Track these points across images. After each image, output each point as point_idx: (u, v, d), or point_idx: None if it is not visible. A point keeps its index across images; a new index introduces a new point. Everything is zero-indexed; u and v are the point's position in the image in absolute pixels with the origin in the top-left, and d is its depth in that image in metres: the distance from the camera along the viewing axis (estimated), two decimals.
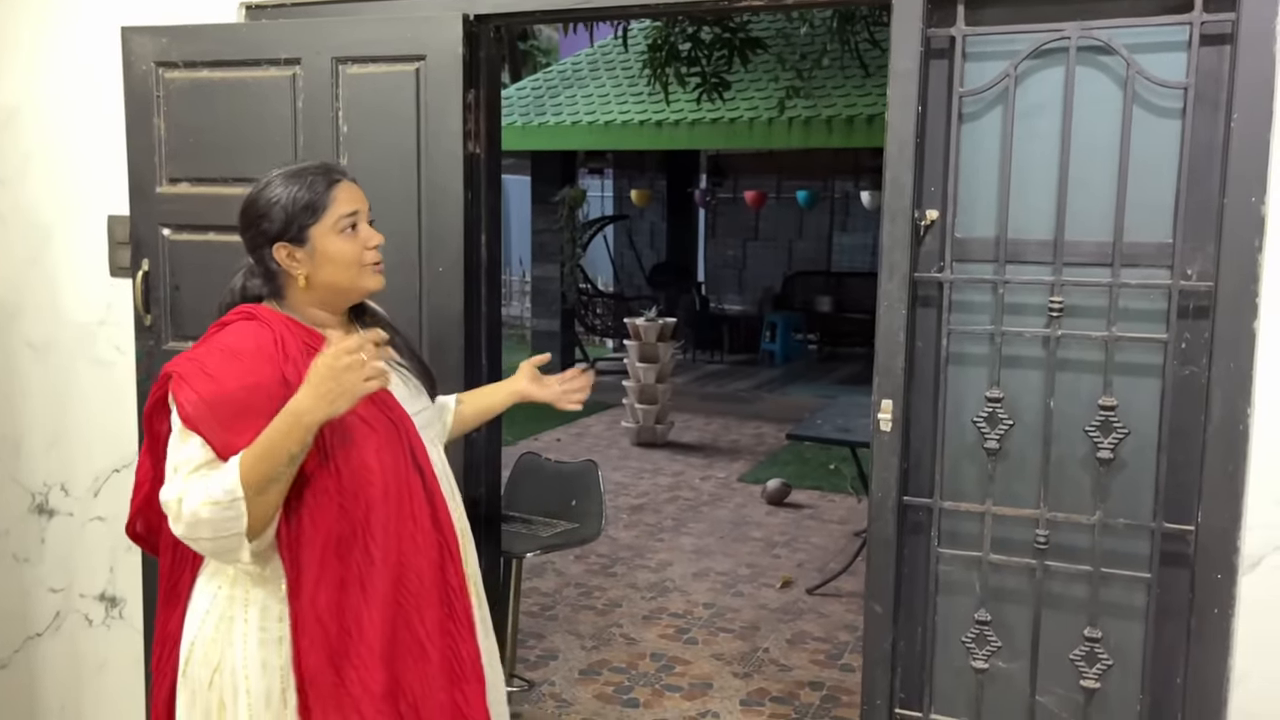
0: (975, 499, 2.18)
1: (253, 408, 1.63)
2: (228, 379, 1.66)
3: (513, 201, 13.16)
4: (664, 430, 7.88)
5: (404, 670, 1.72)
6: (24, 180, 2.88)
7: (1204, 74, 1.97)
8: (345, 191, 1.77)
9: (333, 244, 1.75)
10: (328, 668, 1.68)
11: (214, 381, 1.65)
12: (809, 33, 7.01)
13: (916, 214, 2.13)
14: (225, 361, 1.68)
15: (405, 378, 1.90)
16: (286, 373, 1.67)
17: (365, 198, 1.81)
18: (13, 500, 2.99)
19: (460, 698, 1.76)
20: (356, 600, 1.69)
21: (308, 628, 1.68)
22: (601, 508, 3.52)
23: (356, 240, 1.77)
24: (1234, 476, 1.98)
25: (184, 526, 1.62)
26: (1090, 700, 2.13)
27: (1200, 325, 2.00)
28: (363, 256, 1.78)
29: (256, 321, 1.74)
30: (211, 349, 1.72)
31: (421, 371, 1.96)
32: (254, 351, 1.69)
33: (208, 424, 1.63)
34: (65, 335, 2.89)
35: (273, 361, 1.68)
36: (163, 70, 2.56)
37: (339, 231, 1.75)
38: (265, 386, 1.65)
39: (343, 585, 1.69)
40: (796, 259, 13.69)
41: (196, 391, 1.64)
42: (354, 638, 1.69)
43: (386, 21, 2.42)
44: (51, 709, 3.03)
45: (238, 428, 1.62)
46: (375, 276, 1.80)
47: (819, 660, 4.02)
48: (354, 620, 1.69)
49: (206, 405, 1.63)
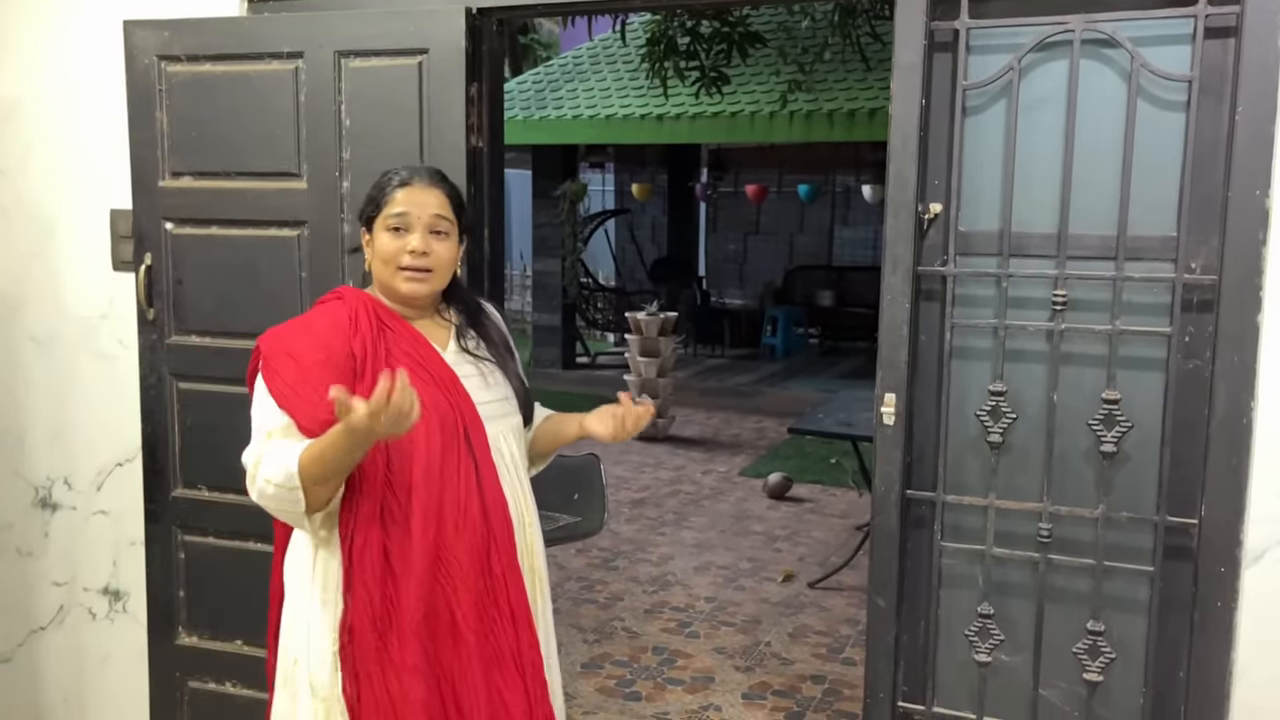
0: (978, 493, 2.18)
1: (326, 381, 1.70)
2: (305, 354, 1.79)
3: (514, 196, 13.14)
4: (665, 424, 7.88)
5: (440, 648, 1.78)
6: (26, 173, 2.87)
7: (1208, 67, 1.97)
8: (408, 194, 1.85)
9: (380, 239, 1.86)
10: (370, 631, 1.76)
11: (295, 362, 1.78)
12: (810, 26, 6.99)
13: (920, 207, 2.13)
14: (302, 336, 1.82)
15: (487, 369, 1.94)
16: (354, 346, 1.80)
17: (440, 206, 1.86)
18: (16, 494, 3.00)
19: (501, 682, 1.82)
20: (398, 573, 1.77)
21: (355, 590, 1.77)
22: (603, 502, 3.52)
23: (399, 241, 1.84)
24: (1237, 470, 1.98)
25: (255, 493, 1.75)
26: (1093, 693, 2.13)
27: (1204, 319, 2.00)
28: (399, 258, 1.84)
29: (338, 300, 1.88)
30: (296, 324, 1.87)
31: (507, 366, 1.99)
32: (328, 326, 1.82)
33: (293, 404, 1.75)
34: (68, 329, 2.89)
35: (343, 334, 1.81)
36: (165, 64, 2.56)
37: (388, 229, 1.85)
38: (335, 356, 1.78)
39: (386, 556, 1.77)
40: (797, 253, 13.68)
41: (282, 376, 1.77)
42: (393, 608, 1.77)
43: (389, 15, 2.42)
44: (55, 702, 3.03)
45: (314, 399, 1.73)
46: (405, 282, 1.85)
47: (821, 654, 4.02)
48: (394, 591, 1.77)
49: (291, 389, 1.76)
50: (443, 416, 1.81)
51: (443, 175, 1.94)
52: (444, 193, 1.89)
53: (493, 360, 1.97)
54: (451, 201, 1.90)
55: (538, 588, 1.97)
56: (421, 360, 1.85)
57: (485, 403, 1.90)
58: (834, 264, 13.21)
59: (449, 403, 1.83)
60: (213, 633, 2.71)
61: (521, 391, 2.00)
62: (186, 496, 2.68)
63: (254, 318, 2.56)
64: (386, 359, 1.80)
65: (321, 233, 2.49)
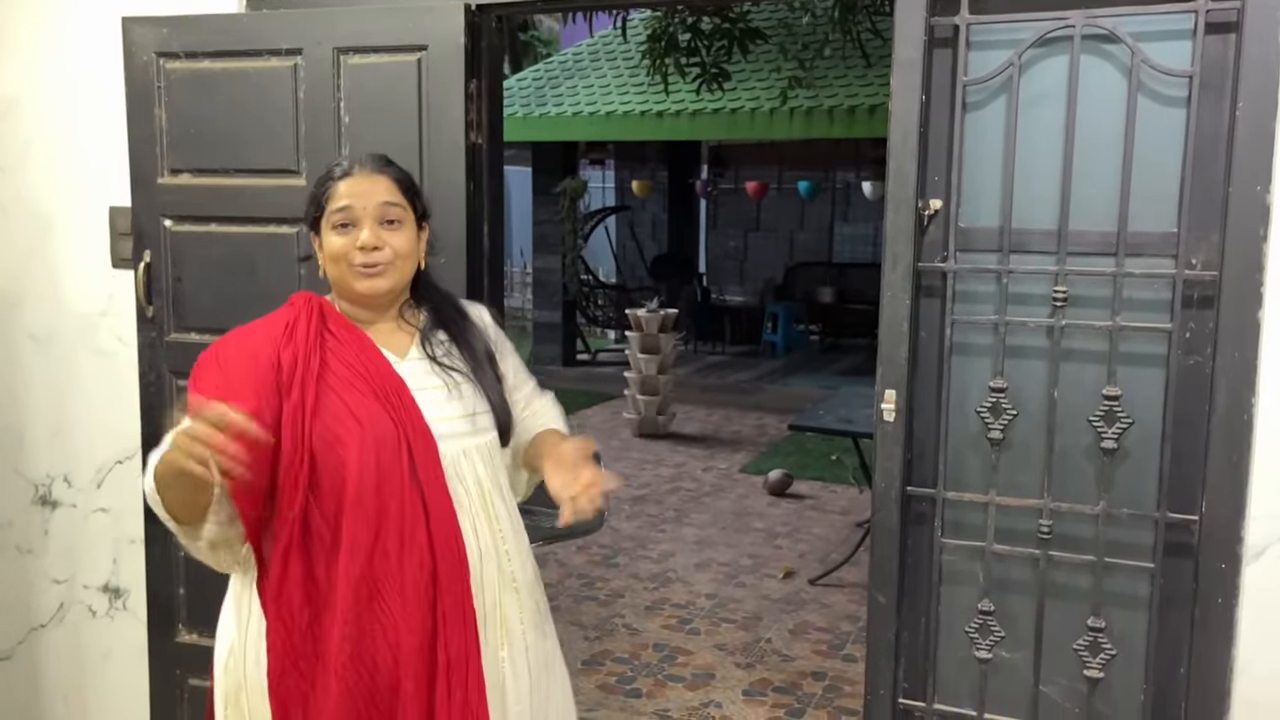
0: (979, 489, 2.18)
1: (245, 393, 1.61)
2: (231, 363, 1.68)
3: (514, 193, 13.13)
4: (665, 421, 7.88)
5: (376, 693, 1.61)
6: (24, 170, 2.87)
7: (1209, 62, 1.96)
8: (350, 186, 1.71)
9: (327, 239, 1.74)
10: (292, 671, 1.63)
11: (220, 371, 1.68)
12: (810, 22, 6.99)
13: (920, 204, 2.13)
14: (235, 344, 1.72)
15: (455, 380, 1.77)
16: (283, 356, 1.67)
17: (387, 193, 1.72)
18: (15, 492, 3.00)
19: None
20: (318, 604, 1.62)
21: (272, 624, 1.64)
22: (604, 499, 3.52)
23: (348, 238, 1.70)
24: (1238, 466, 1.97)
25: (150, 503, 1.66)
26: (1094, 690, 2.13)
27: (1205, 315, 2.00)
28: (350, 255, 1.70)
29: (287, 307, 1.76)
30: (240, 330, 1.76)
31: (483, 378, 1.81)
32: (263, 334, 1.71)
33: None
34: (67, 326, 2.88)
35: (273, 343, 1.68)
36: (164, 61, 2.55)
37: (333, 226, 1.72)
38: (259, 367, 1.66)
39: (307, 585, 1.62)
40: (798, 250, 13.68)
41: (204, 383, 1.66)
42: (317, 644, 1.62)
43: (388, 11, 2.42)
44: (55, 700, 3.03)
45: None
46: (362, 279, 1.71)
47: (821, 650, 4.02)
48: (317, 625, 1.62)
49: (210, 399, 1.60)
50: (381, 433, 1.64)
51: (387, 159, 1.78)
52: (391, 178, 1.74)
53: (464, 371, 1.79)
54: (400, 186, 1.75)
55: (525, 618, 1.79)
56: (364, 371, 1.68)
57: (444, 419, 1.72)
58: (834, 260, 13.22)
59: (391, 418, 1.65)
60: (212, 630, 2.68)
61: (500, 405, 1.81)
62: None
63: (253, 315, 2.51)
64: (321, 370, 1.66)
65: None
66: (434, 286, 1.87)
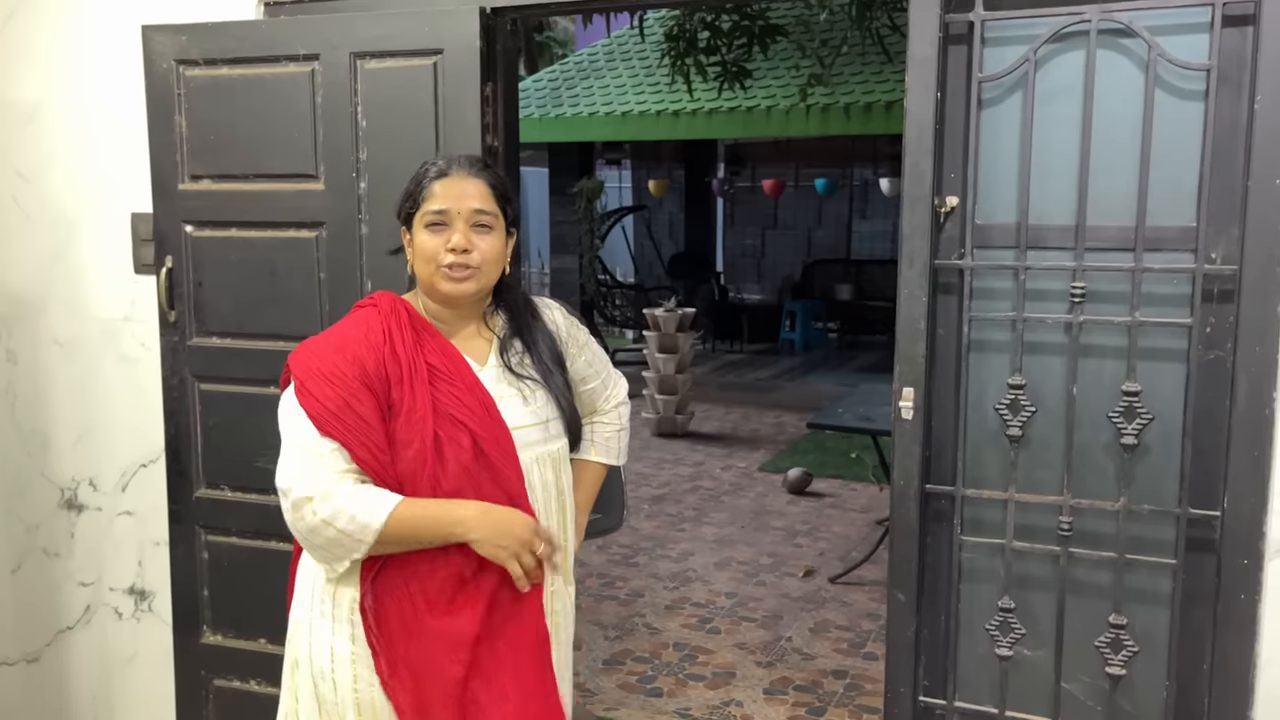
0: (998, 486, 2.17)
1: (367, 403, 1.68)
2: (343, 376, 1.68)
3: (531, 194, 13.17)
4: (684, 420, 7.88)
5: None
6: (47, 177, 2.90)
7: (1226, 55, 1.95)
8: (445, 187, 1.74)
9: (419, 237, 1.76)
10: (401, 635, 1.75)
11: (332, 385, 1.68)
12: (828, 19, 6.96)
13: (936, 201, 2.12)
14: (335, 355, 1.70)
15: (529, 388, 1.83)
16: (389, 368, 1.70)
17: (481, 197, 1.75)
18: (42, 495, 3.03)
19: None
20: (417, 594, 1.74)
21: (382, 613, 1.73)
22: (623, 498, 3.52)
23: (439, 238, 1.74)
24: (1260, 461, 1.96)
25: (304, 525, 1.65)
26: (1116, 687, 2.12)
27: (1225, 309, 1.99)
28: (439, 256, 1.73)
29: (373, 309, 1.78)
30: (329, 339, 1.75)
31: (551, 384, 1.86)
32: (361, 341, 1.72)
33: (337, 429, 1.66)
34: (90, 331, 2.92)
35: (377, 352, 1.71)
36: (183, 68, 2.58)
37: (426, 225, 1.75)
38: (370, 378, 1.69)
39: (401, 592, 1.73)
40: (815, 247, 13.65)
41: (321, 401, 1.67)
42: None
43: (404, 16, 2.43)
44: (82, 701, 3.07)
45: (360, 426, 1.67)
46: (446, 281, 1.74)
47: (842, 649, 4.02)
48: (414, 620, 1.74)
49: (334, 415, 1.66)
50: (471, 440, 1.73)
51: (485, 163, 1.82)
52: (486, 182, 1.76)
53: (537, 379, 1.84)
54: (494, 191, 1.77)
55: (564, 617, 1.92)
56: (453, 377, 1.75)
57: (520, 427, 1.78)
58: (852, 258, 13.18)
59: (480, 425, 1.74)
60: (236, 631, 2.74)
61: (570, 412, 1.88)
62: (209, 497, 2.70)
63: (274, 319, 2.58)
64: (418, 380, 1.71)
65: (339, 233, 2.50)
66: (512, 289, 1.91)
